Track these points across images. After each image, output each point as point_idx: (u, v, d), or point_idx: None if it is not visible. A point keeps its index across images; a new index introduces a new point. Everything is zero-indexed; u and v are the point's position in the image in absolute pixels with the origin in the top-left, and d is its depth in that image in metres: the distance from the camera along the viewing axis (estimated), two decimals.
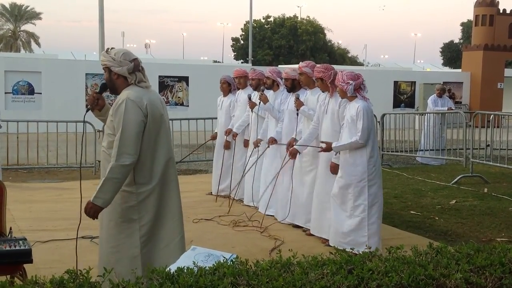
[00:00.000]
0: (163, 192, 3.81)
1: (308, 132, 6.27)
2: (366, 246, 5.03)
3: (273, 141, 7.01)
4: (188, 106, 21.36)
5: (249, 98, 7.47)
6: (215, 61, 44.32)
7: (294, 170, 6.55)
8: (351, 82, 5.42)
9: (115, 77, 3.80)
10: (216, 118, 9.24)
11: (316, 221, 6.10)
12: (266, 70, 7.45)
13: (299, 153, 6.40)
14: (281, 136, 6.91)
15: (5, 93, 18.77)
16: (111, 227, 3.81)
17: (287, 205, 6.65)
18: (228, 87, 8.29)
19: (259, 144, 7.36)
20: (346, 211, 5.55)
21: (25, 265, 3.84)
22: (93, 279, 2.30)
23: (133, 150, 3.62)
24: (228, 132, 8.09)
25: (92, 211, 3.64)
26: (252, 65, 28.42)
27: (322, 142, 5.77)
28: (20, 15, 55.63)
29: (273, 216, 6.99)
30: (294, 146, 6.38)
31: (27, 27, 56.58)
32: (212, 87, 7.84)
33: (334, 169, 5.78)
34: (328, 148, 5.63)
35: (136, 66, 3.81)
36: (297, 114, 6.50)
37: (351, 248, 5.07)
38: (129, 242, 3.76)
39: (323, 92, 6.08)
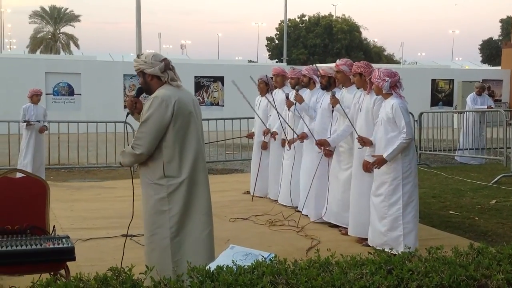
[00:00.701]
0: (192, 186, 3.98)
1: (342, 129, 6.25)
2: (405, 246, 5.04)
3: (304, 136, 7.01)
4: (223, 106, 21.49)
5: (287, 97, 7.47)
6: (250, 61, 44.38)
7: (330, 168, 6.54)
8: (387, 79, 5.39)
9: (149, 79, 4.00)
10: (251, 118, 9.27)
11: (353, 221, 6.06)
12: (303, 68, 7.46)
13: (330, 149, 6.44)
14: (314, 134, 6.90)
15: (46, 94, 19.18)
16: (146, 218, 4.02)
17: (323, 204, 6.65)
18: (265, 87, 8.31)
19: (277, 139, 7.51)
20: (381, 210, 5.51)
21: (67, 263, 3.94)
22: (135, 276, 2.35)
23: (146, 144, 3.86)
24: (266, 132, 8.12)
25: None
26: (287, 64, 28.41)
27: (374, 156, 5.53)
28: (60, 17, 56.81)
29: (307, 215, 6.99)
30: (328, 139, 6.36)
31: (66, 29, 57.81)
32: (247, 87, 7.88)
33: (367, 166, 5.76)
34: (381, 161, 5.40)
35: (166, 65, 3.99)
36: (332, 111, 6.48)
37: (390, 248, 5.04)
38: (160, 232, 3.94)
39: (358, 88, 6.05)
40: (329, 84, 6.70)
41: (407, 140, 5.29)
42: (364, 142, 5.69)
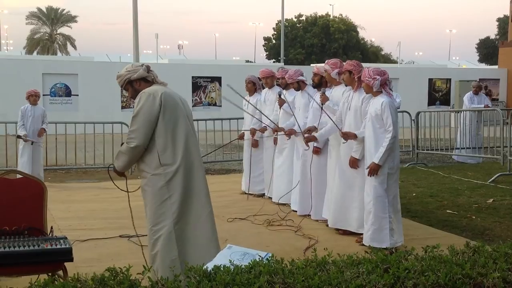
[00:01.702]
0: (188, 170, 4.09)
1: (330, 124, 6.27)
2: (392, 241, 5.15)
3: (292, 132, 7.04)
4: (221, 106, 21.49)
5: (279, 96, 7.49)
6: (247, 61, 44.37)
7: (327, 167, 6.61)
8: (377, 77, 5.52)
9: (138, 85, 4.19)
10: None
11: (335, 214, 6.16)
12: (286, 77, 7.45)
13: (317, 142, 6.52)
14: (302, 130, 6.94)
15: (43, 95, 19.15)
16: (148, 211, 4.12)
17: (319, 202, 6.73)
18: (253, 86, 8.36)
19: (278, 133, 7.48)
20: (368, 205, 5.61)
21: (65, 264, 3.94)
22: (133, 276, 2.36)
23: (140, 136, 4.00)
24: (252, 132, 8.16)
25: (112, 173, 4.25)
26: (284, 64, 28.43)
27: (368, 167, 5.56)
28: (57, 18, 56.71)
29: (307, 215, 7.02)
30: (315, 134, 6.42)
31: (63, 30, 57.69)
32: (244, 87, 8.10)
33: (354, 163, 5.87)
34: (375, 167, 5.45)
35: (148, 67, 4.21)
36: (321, 109, 6.55)
37: (386, 247, 5.07)
38: (163, 221, 4.04)
39: (346, 86, 6.12)
40: (320, 83, 6.79)
41: (392, 139, 5.42)
42: (348, 136, 5.83)
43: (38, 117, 9.18)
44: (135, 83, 4.18)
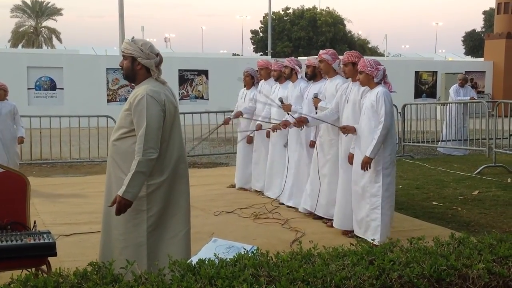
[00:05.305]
0: (172, 186, 3.85)
1: (324, 113, 6.16)
2: (382, 235, 5.12)
3: (287, 124, 6.94)
4: (208, 99, 21.42)
5: (281, 101, 7.10)
6: (234, 54, 44.26)
7: (313, 160, 6.56)
8: (380, 67, 5.37)
9: (138, 68, 3.81)
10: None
11: (339, 214, 6.01)
12: (285, 60, 7.48)
13: (307, 125, 6.32)
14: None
15: (28, 89, 19.02)
16: (120, 216, 3.74)
17: (311, 196, 6.70)
18: (251, 80, 8.29)
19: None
20: (362, 200, 5.54)
21: (49, 258, 3.89)
22: (115, 271, 2.33)
23: (157, 145, 3.69)
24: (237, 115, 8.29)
25: (124, 206, 3.65)
26: (272, 57, 28.36)
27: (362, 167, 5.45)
28: (42, 11, 56.17)
29: (294, 208, 7.01)
30: (307, 116, 6.24)
31: (49, 23, 57.17)
32: (231, 80, 8.06)
33: (351, 159, 5.75)
34: (368, 160, 5.34)
35: (161, 61, 3.86)
36: (316, 108, 6.51)
37: (372, 239, 5.07)
38: (136, 231, 3.79)
39: (347, 78, 6.02)
40: (314, 74, 6.74)
41: (384, 130, 5.27)
42: (348, 130, 5.69)
43: (6, 115, 8.08)
44: (136, 64, 3.79)
